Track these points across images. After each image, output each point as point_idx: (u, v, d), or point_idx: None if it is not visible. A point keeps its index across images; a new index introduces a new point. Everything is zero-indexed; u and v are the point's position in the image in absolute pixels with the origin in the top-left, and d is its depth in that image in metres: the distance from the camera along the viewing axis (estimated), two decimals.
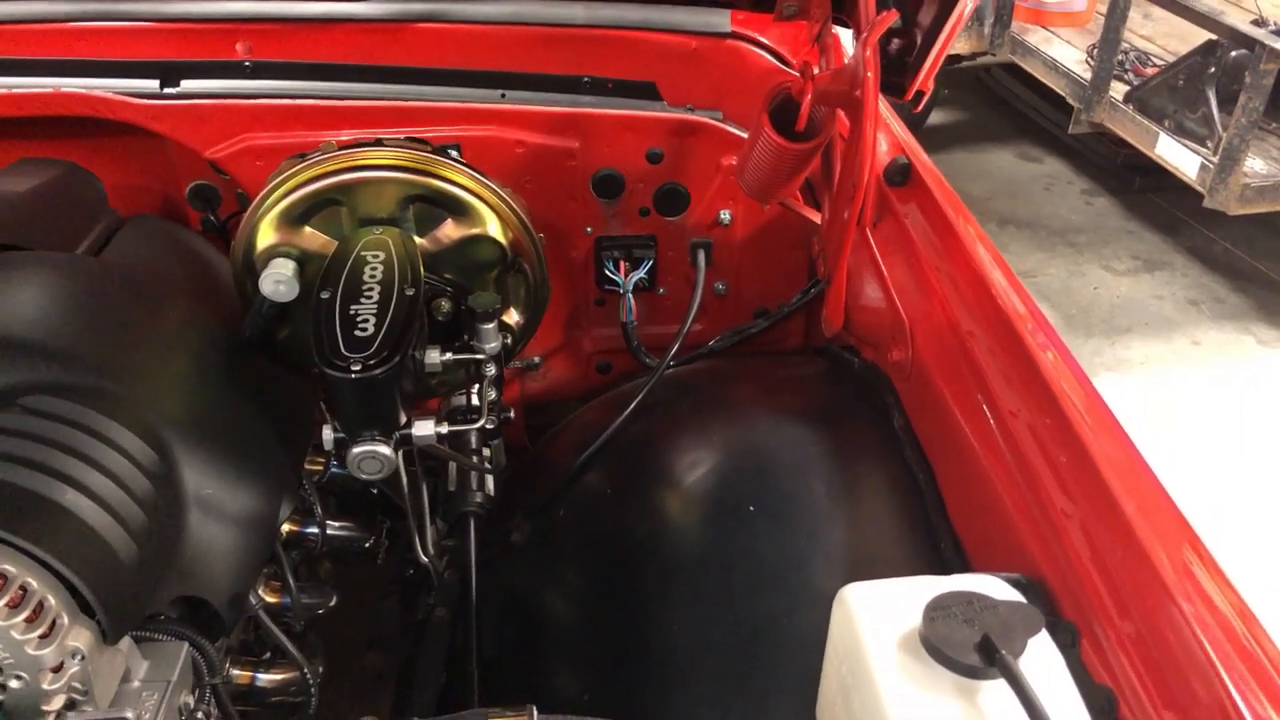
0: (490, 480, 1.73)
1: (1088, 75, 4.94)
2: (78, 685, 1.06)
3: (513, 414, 1.72)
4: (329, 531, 1.69)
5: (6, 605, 1.00)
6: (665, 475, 1.61)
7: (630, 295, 1.97)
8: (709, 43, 1.88)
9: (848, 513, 1.44)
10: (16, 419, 1.16)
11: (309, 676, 1.47)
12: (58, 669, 1.04)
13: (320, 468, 1.73)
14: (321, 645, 1.63)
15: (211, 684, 1.26)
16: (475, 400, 1.66)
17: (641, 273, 2.00)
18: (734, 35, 1.88)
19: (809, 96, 1.45)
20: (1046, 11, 5.42)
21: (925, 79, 1.53)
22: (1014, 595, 1.05)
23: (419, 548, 1.73)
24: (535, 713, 1.15)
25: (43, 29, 1.80)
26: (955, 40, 1.57)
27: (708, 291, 2.04)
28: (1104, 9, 4.86)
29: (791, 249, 2.03)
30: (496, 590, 1.65)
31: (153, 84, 1.81)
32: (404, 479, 1.59)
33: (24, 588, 1.02)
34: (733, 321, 2.08)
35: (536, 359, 2.14)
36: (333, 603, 1.65)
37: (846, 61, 1.61)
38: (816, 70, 1.51)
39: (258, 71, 1.84)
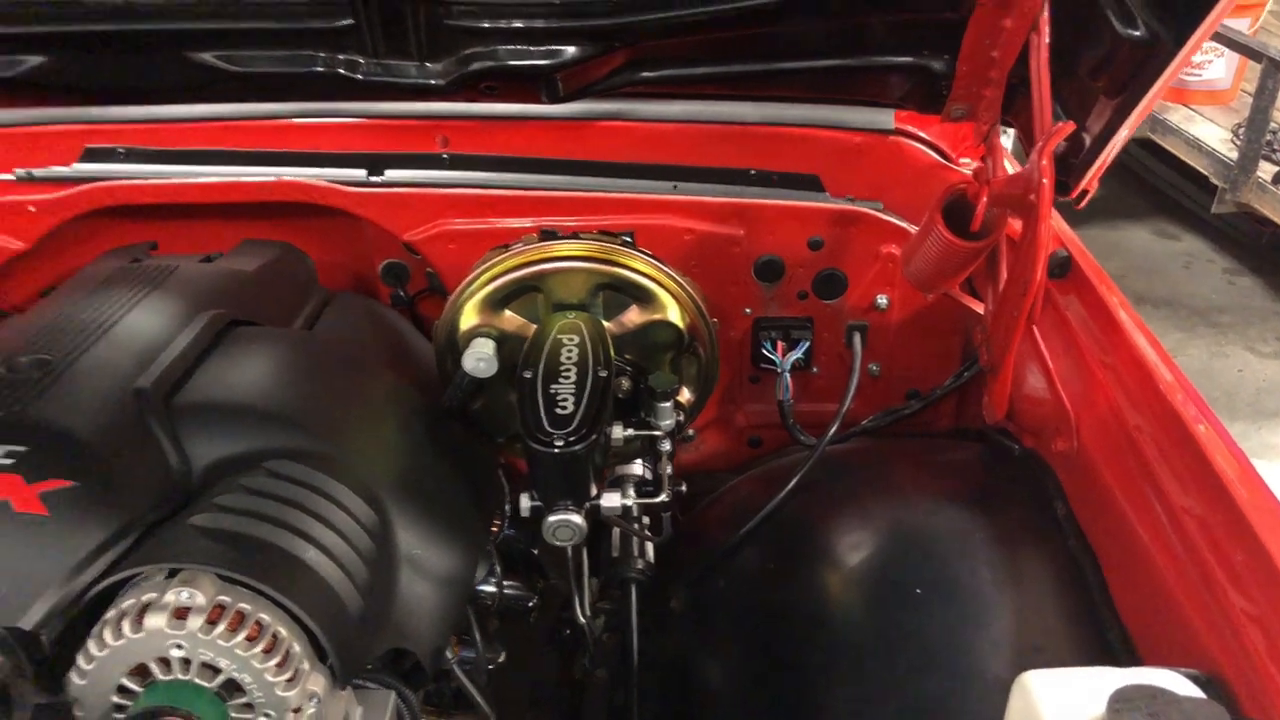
0: (650, 548, 1.81)
1: (1233, 154, 4.86)
2: None
3: (685, 487, 1.80)
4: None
5: (262, 650, 1.13)
6: (828, 553, 1.66)
7: (787, 374, 2.04)
8: (872, 138, 1.97)
9: (1013, 599, 1.48)
10: (262, 481, 1.30)
11: None
12: (297, 710, 1.16)
13: (497, 529, 1.84)
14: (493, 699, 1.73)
15: None
16: (647, 474, 1.75)
17: (798, 353, 2.06)
18: (896, 131, 1.97)
19: (984, 199, 1.51)
20: (1189, 89, 5.35)
21: (1092, 180, 1.59)
22: (1194, 691, 1.08)
23: (578, 608, 1.82)
24: None
25: (268, 125, 2.01)
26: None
27: (862, 372, 2.08)
28: (1250, 87, 4.79)
29: (946, 334, 2.08)
30: (655, 656, 1.72)
31: (360, 173, 1.99)
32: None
33: (275, 635, 1.14)
34: (885, 401, 2.13)
35: (691, 431, 2.23)
36: (501, 659, 1.75)
37: (1010, 161, 1.68)
38: (972, 163, 1.56)
39: (454, 163, 2.01)
